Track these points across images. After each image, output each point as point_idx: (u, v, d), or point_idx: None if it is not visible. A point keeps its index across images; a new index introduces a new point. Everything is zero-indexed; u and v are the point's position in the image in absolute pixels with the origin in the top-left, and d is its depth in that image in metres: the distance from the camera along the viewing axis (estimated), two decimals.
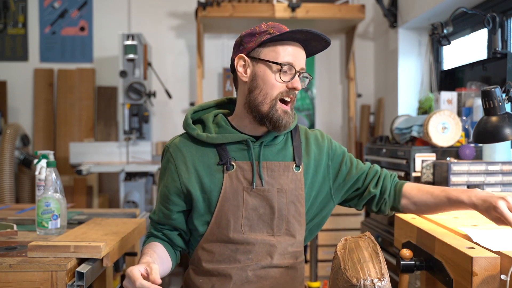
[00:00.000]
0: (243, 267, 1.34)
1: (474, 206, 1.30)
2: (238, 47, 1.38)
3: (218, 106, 1.50)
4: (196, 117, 1.46)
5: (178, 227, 1.40)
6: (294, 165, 1.38)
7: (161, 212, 1.40)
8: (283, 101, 1.34)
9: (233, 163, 1.34)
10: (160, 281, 1.13)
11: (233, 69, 1.40)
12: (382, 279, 1.04)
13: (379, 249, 1.16)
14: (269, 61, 1.31)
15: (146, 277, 1.14)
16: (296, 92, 1.33)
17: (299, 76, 1.33)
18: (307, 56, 1.39)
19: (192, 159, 1.35)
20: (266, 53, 1.32)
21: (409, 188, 1.47)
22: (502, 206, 1.21)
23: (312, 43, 1.34)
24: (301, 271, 1.46)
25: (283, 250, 1.37)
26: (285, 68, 1.31)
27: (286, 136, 1.43)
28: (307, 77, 1.36)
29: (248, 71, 1.35)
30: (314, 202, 1.44)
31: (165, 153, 1.42)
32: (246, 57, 1.35)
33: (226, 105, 1.50)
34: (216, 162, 1.35)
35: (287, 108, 1.33)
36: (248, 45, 1.34)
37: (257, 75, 1.33)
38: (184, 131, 1.44)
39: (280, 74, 1.31)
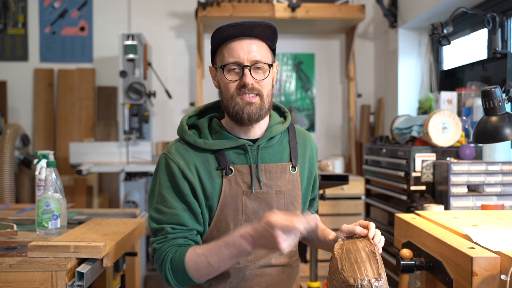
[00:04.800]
0: (241, 267, 1.34)
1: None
2: None
3: (211, 109, 1.49)
4: (190, 123, 1.44)
5: (199, 230, 1.35)
6: (291, 165, 1.40)
7: (189, 218, 1.32)
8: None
9: (232, 168, 1.34)
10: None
11: None
12: (379, 279, 1.04)
13: (376, 249, 1.16)
14: (217, 66, 1.35)
15: None
16: (250, 86, 1.30)
17: (250, 69, 1.30)
18: (270, 40, 1.35)
19: (195, 164, 1.33)
20: (217, 59, 1.36)
21: None
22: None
23: (256, 30, 1.31)
24: (296, 269, 1.47)
25: None
26: (229, 67, 1.31)
27: (282, 136, 1.43)
28: (259, 67, 1.32)
29: (216, 78, 1.39)
30: (306, 203, 1.49)
31: (163, 160, 1.35)
32: (212, 67, 1.40)
33: (219, 108, 1.48)
34: (215, 167, 1.34)
35: (248, 99, 1.31)
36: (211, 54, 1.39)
37: (219, 81, 1.37)
38: (178, 137, 1.41)
39: (228, 74, 1.32)
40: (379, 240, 1.25)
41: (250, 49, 1.31)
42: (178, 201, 1.32)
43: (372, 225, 1.28)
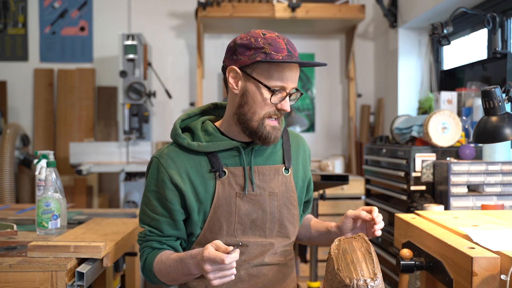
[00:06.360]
0: (236, 267, 1.34)
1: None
2: (231, 55, 1.31)
3: (204, 112, 1.49)
4: (183, 126, 1.43)
5: (181, 237, 1.39)
6: (284, 167, 1.40)
7: (167, 225, 1.36)
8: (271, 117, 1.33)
9: (225, 170, 1.34)
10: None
11: (224, 71, 1.36)
12: (375, 279, 1.05)
13: (372, 249, 1.17)
14: (261, 83, 1.27)
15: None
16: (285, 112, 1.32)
17: (289, 96, 1.31)
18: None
19: (186, 168, 1.33)
20: (260, 72, 1.27)
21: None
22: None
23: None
24: (292, 268, 1.48)
25: (275, 250, 1.39)
26: (277, 91, 1.29)
27: None
28: (295, 98, 1.34)
29: (240, 84, 1.30)
30: (301, 205, 1.50)
31: (154, 164, 1.37)
32: (238, 70, 1.29)
33: (212, 110, 1.49)
34: (208, 169, 1.34)
35: (276, 123, 1.32)
36: (242, 58, 1.28)
37: (248, 91, 1.29)
38: (171, 140, 1.41)
39: (273, 97, 1.28)
40: (379, 220, 1.31)
41: (295, 79, 1.31)
42: (160, 207, 1.36)
43: (375, 208, 1.33)
